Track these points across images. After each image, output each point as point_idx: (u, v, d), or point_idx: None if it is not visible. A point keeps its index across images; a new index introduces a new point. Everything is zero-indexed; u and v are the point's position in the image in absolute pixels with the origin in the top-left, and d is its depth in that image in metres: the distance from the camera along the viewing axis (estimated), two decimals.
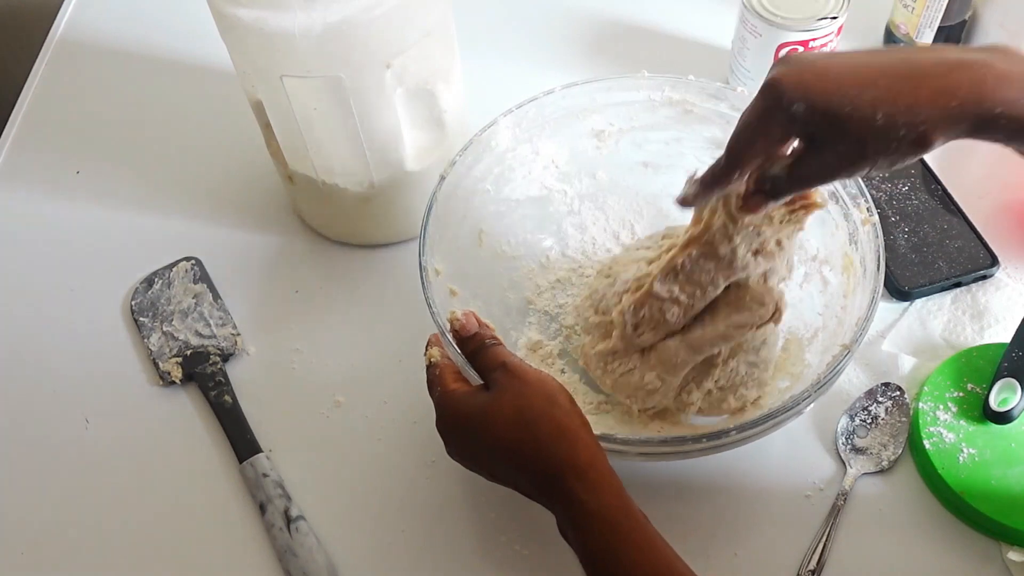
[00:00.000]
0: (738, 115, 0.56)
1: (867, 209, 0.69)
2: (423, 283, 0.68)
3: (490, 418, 0.56)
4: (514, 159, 0.79)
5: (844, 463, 0.72)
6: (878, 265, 0.66)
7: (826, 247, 0.74)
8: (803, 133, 0.52)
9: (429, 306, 0.67)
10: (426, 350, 0.64)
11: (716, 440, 0.63)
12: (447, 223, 0.74)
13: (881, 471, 0.71)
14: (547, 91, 0.77)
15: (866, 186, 0.70)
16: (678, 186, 0.61)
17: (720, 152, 0.58)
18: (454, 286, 0.73)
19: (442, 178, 0.73)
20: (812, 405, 0.65)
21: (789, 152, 0.56)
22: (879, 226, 0.68)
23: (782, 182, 0.55)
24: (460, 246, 0.76)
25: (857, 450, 0.72)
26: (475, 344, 0.61)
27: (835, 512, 0.69)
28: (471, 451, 0.59)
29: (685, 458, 0.68)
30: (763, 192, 0.57)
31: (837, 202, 0.72)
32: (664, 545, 0.53)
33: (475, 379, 0.62)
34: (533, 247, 0.82)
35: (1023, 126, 0.48)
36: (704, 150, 0.79)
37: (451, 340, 0.63)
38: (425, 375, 0.63)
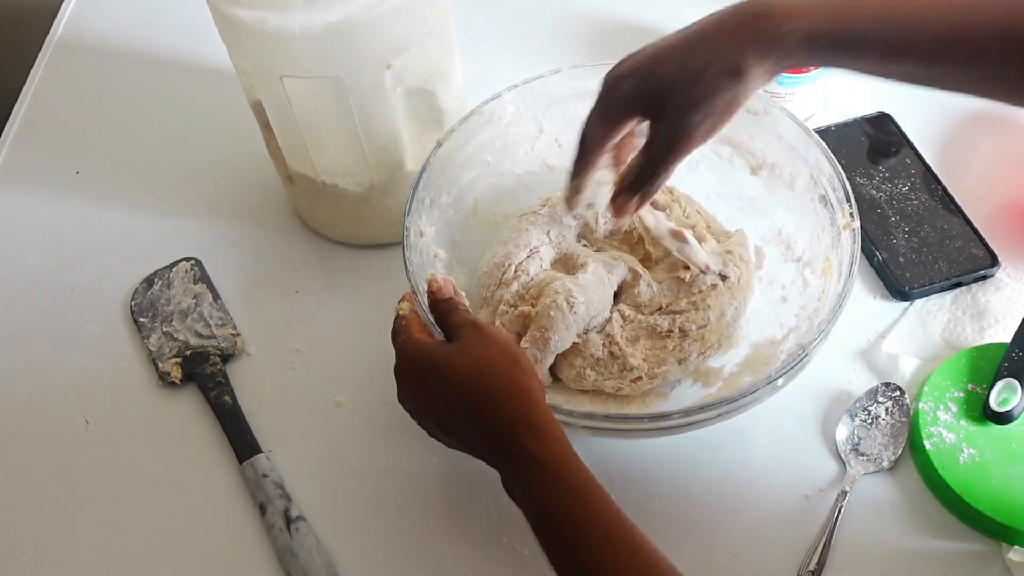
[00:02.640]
0: (746, 111, 0.64)
1: (849, 214, 0.69)
2: (404, 243, 0.69)
3: (452, 366, 0.57)
4: (517, 134, 0.80)
5: (844, 463, 0.72)
6: (850, 271, 0.67)
7: (811, 249, 0.74)
8: (642, 110, 0.59)
9: (406, 265, 0.68)
10: (398, 304, 0.65)
11: (658, 422, 0.64)
12: (440, 188, 0.75)
13: (881, 471, 0.71)
14: (554, 70, 0.78)
15: (852, 190, 0.70)
16: (680, 175, 0.63)
17: (724, 145, 0.71)
18: (440, 250, 0.75)
19: (439, 144, 0.74)
20: (768, 399, 0.66)
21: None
22: (859, 232, 0.68)
23: (642, 171, 0.61)
24: (452, 213, 0.77)
25: (857, 450, 0.72)
26: (448, 306, 0.63)
27: (835, 512, 0.69)
28: (426, 398, 0.60)
29: (630, 437, 0.70)
30: (629, 189, 0.62)
31: (826, 206, 0.72)
32: (608, 499, 0.54)
33: (440, 337, 0.63)
34: None
35: (814, 41, 0.54)
36: (709, 143, 0.79)
37: (422, 301, 0.64)
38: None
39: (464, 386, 0.57)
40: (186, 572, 0.71)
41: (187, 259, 0.86)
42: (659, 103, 0.58)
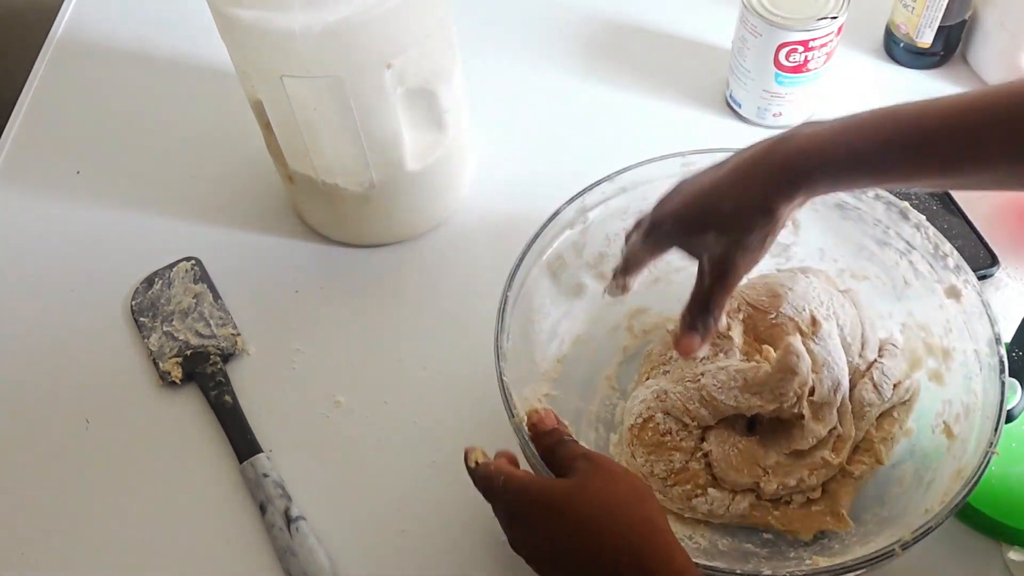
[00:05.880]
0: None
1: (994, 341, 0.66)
2: (498, 361, 0.64)
3: (576, 502, 0.53)
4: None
5: None
6: (1000, 407, 0.62)
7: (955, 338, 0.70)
8: (683, 248, 0.62)
9: (505, 396, 0.63)
10: (465, 459, 0.60)
11: None
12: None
13: None
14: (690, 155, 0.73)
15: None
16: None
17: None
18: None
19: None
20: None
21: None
22: (1005, 359, 0.64)
23: (695, 308, 0.62)
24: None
25: None
26: (553, 438, 0.60)
27: None
28: (545, 538, 0.54)
29: None
30: (689, 328, 0.63)
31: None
32: None
33: (545, 474, 0.59)
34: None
35: (836, 175, 0.56)
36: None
37: (526, 433, 0.61)
38: (472, 479, 0.60)
39: (592, 522, 0.52)
40: (186, 572, 0.71)
41: (187, 259, 0.86)
42: (699, 245, 0.61)
